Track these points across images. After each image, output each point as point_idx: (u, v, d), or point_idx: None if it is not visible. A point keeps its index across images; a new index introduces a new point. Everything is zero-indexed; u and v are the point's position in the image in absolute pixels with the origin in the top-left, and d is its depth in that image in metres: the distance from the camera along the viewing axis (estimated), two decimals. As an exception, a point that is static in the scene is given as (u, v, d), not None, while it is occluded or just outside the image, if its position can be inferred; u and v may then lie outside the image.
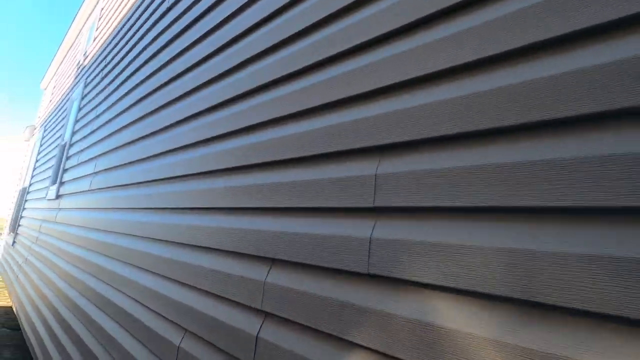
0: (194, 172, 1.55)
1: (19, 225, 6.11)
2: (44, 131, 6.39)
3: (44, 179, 4.97)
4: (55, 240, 3.44)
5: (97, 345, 1.91)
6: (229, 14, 1.62)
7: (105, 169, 2.64)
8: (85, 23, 5.62)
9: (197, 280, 1.29)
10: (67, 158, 3.84)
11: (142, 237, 1.83)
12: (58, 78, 6.88)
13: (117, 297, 1.89)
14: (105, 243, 2.27)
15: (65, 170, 3.80)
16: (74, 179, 3.41)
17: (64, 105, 5.14)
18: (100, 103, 3.25)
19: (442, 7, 0.75)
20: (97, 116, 3.19)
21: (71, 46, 6.45)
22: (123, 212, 2.17)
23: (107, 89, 3.17)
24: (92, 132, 3.20)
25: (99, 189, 2.64)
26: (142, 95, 2.43)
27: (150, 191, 1.90)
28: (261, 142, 1.20)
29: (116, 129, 2.65)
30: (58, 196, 3.74)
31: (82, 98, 3.98)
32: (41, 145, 6.31)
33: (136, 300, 1.70)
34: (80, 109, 3.94)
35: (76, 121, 3.94)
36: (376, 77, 0.85)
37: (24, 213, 5.88)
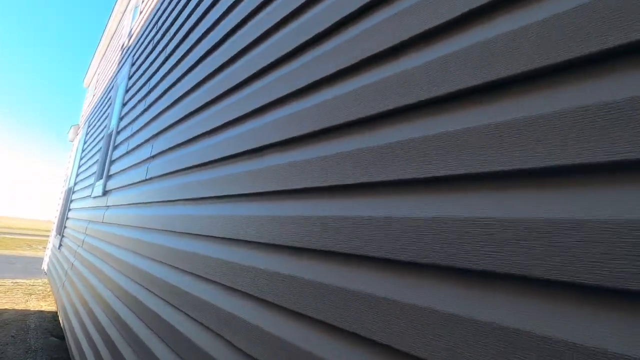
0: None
1: (64, 227, 5.76)
2: (88, 127, 6.02)
3: (89, 175, 4.51)
4: (103, 244, 2.88)
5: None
6: None
7: (168, 149, 1.98)
8: (128, 4, 5.14)
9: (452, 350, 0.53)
10: (115, 147, 3.28)
11: (259, 242, 1.10)
12: (101, 71, 6.53)
13: (200, 336, 1.19)
14: (177, 250, 1.59)
15: (112, 162, 3.25)
16: (123, 170, 2.82)
17: (107, 94, 4.67)
18: (153, 75, 2.63)
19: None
20: (150, 90, 2.57)
21: (113, 35, 6.05)
22: (203, 204, 1.49)
23: (160, 57, 2.55)
24: (145, 109, 2.59)
25: (160, 176, 1.99)
26: (205, 50, 1.77)
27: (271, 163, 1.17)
28: None
29: (179, 95, 2.00)
30: (105, 192, 3.19)
31: (129, 78, 3.42)
32: (85, 142, 5.95)
33: (238, 349, 0.99)
34: (127, 91, 3.38)
35: (123, 105, 3.39)
36: None
37: (70, 214, 5.52)
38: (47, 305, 6.26)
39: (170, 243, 1.65)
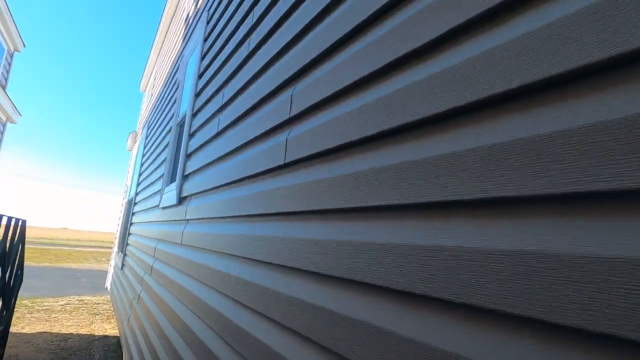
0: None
1: (127, 245, 5.03)
2: (147, 129, 5.30)
3: (154, 182, 3.65)
4: (185, 279, 1.87)
5: None
6: None
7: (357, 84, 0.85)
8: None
9: None
10: (190, 136, 2.31)
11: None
12: (158, 67, 5.83)
13: None
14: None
15: (188, 157, 2.27)
16: (210, 163, 1.80)
17: (172, 78, 3.81)
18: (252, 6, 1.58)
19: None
20: (258, 21, 1.52)
21: (170, 21, 5.30)
22: None
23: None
24: (255, 49, 1.53)
25: (332, 149, 0.87)
26: None
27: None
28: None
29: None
30: (181, 200, 2.21)
31: (205, 40, 2.45)
32: (145, 147, 5.22)
33: None
34: (203, 57, 2.40)
35: (199, 77, 2.41)
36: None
37: (132, 229, 4.76)
38: (112, 329, 5.71)
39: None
